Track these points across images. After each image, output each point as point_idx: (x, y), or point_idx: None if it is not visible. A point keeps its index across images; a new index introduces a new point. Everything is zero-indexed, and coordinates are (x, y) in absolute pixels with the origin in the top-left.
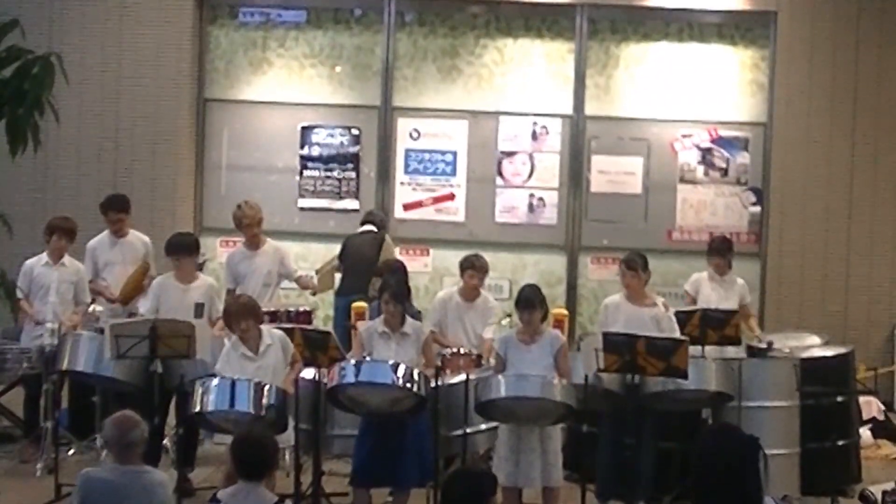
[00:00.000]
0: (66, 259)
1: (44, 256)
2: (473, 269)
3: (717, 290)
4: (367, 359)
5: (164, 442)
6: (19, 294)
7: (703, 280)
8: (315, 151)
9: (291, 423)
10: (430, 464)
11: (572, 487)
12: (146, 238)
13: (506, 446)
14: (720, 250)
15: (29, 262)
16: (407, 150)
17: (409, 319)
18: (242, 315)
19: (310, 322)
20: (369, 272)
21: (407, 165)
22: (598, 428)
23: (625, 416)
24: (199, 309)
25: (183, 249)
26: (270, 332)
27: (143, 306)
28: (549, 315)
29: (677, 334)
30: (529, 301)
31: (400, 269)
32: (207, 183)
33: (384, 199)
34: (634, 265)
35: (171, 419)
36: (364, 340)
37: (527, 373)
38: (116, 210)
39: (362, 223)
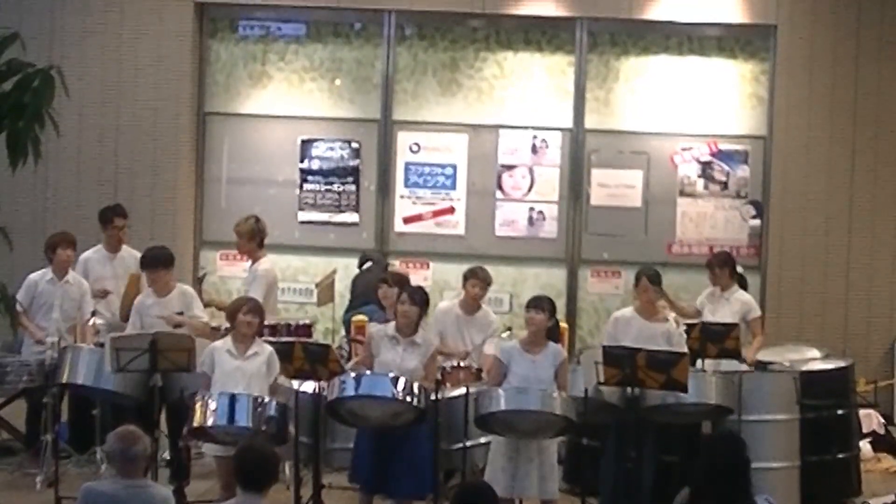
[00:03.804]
0: (71, 276)
1: (48, 272)
2: (476, 278)
3: (707, 305)
4: (367, 372)
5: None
6: (19, 308)
7: (703, 296)
8: (315, 165)
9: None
10: (428, 476)
11: (573, 501)
12: (138, 254)
13: (503, 458)
14: (709, 264)
15: (33, 276)
16: (407, 164)
17: (422, 330)
18: (249, 308)
19: (310, 335)
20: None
21: (407, 179)
22: (601, 441)
23: (627, 430)
24: None
25: (158, 264)
26: (264, 346)
27: (129, 326)
28: (560, 330)
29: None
30: (537, 300)
31: (404, 281)
32: (207, 196)
33: (384, 212)
34: (657, 280)
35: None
36: (373, 343)
37: (527, 383)
38: (122, 216)
39: (362, 263)
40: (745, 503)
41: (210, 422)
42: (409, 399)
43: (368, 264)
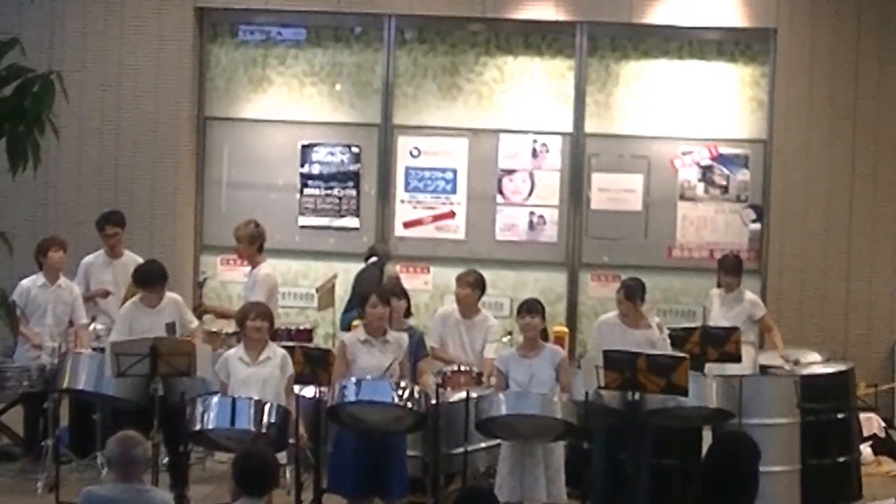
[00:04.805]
0: (63, 280)
1: (40, 277)
2: (460, 281)
3: (721, 308)
4: (368, 377)
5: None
6: (18, 313)
7: (715, 296)
8: (315, 169)
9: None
10: (406, 476)
11: None
12: (140, 259)
13: (509, 462)
14: (727, 268)
15: (24, 282)
16: (407, 168)
17: (391, 331)
18: (257, 313)
19: (310, 340)
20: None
21: (407, 183)
22: (592, 443)
23: (622, 432)
24: (169, 329)
25: (155, 283)
26: (276, 350)
27: (115, 332)
28: (548, 332)
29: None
30: (531, 304)
31: (400, 290)
32: (208, 201)
33: (384, 216)
34: (633, 296)
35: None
36: (347, 351)
37: (528, 387)
38: (113, 224)
39: (367, 258)
40: None
41: (211, 424)
42: (409, 404)
43: (373, 259)
